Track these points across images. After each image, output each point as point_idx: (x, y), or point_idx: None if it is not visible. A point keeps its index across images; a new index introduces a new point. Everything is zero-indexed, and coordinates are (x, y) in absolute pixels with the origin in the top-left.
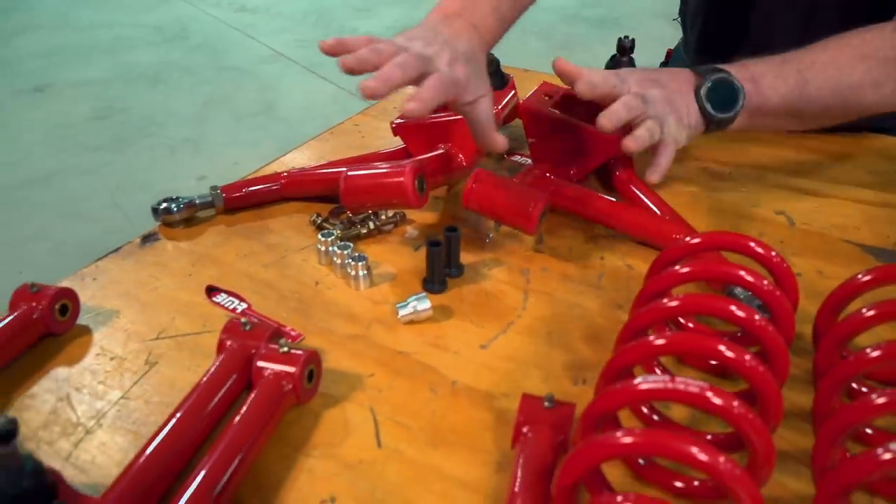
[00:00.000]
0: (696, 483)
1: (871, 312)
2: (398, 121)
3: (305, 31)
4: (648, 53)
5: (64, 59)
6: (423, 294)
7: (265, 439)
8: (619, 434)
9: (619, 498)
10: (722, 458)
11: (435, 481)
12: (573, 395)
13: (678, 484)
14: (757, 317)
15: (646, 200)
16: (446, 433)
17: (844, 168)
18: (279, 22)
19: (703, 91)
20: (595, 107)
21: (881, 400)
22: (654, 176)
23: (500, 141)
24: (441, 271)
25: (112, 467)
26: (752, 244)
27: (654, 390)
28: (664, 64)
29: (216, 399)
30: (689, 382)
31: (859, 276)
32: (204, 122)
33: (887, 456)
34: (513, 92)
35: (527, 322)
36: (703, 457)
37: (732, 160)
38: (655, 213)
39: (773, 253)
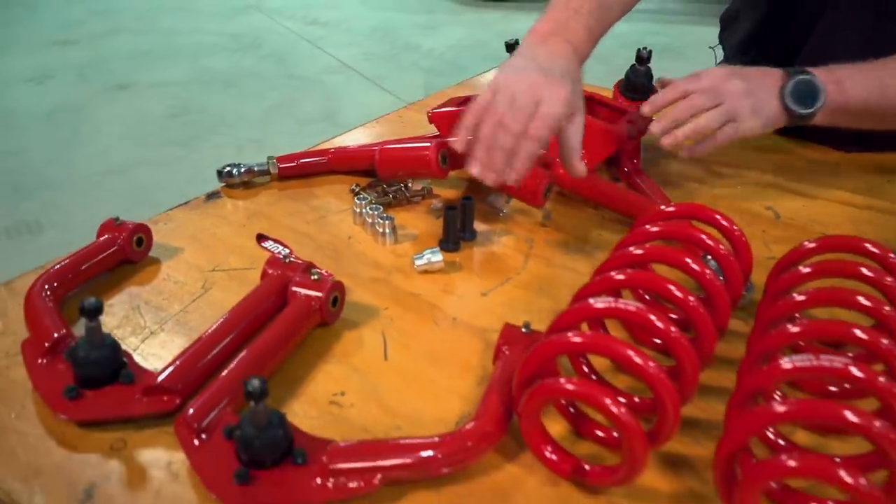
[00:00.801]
0: (636, 399)
1: (807, 269)
2: (436, 110)
3: (372, 45)
4: None
5: (146, 61)
6: (437, 249)
7: (293, 345)
8: (569, 334)
9: (563, 380)
10: (652, 364)
11: (427, 387)
12: None
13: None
14: (692, 299)
15: (644, 188)
16: (442, 354)
17: (837, 176)
18: (348, 36)
19: (787, 88)
20: (605, 109)
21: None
22: (701, 147)
23: (580, 168)
24: (456, 234)
25: (169, 359)
26: (718, 216)
27: (604, 308)
28: None
29: (257, 311)
30: (630, 302)
31: (805, 242)
32: (269, 124)
33: (787, 365)
34: None
35: (524, 278)
36: (637, 359)
37: (734, 162)
38: (648, 195)
39: (735, 227)
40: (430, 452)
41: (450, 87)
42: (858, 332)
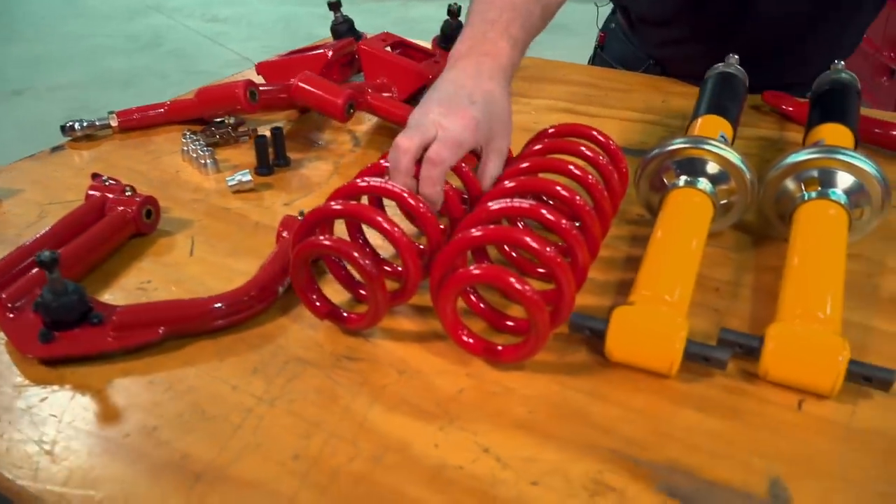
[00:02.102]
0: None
1: (537, 147)
2: (261, 62)
3: (272, 38)
4: None
5: (43, 65)
6: (248, 171)
7: (107, 249)
8: (331, 203)
9: (322, 237)
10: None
11: (224, 273)
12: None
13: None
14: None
15: None
16: (242, 250)
17: (626, 98)
18: (248, 30)
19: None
20: (419, 54)
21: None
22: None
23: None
24: (268, 160)
25: None
26: (594, 132)
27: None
28: (597, 48)
29: (77, 224)
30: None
31: (548, 129)
32: None
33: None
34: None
35: (326, 191)
36: (389, 227)
37: (534, 94)
38: None
39: (611, 141)
40: (203, 308)
41: None
42: (560, 189)
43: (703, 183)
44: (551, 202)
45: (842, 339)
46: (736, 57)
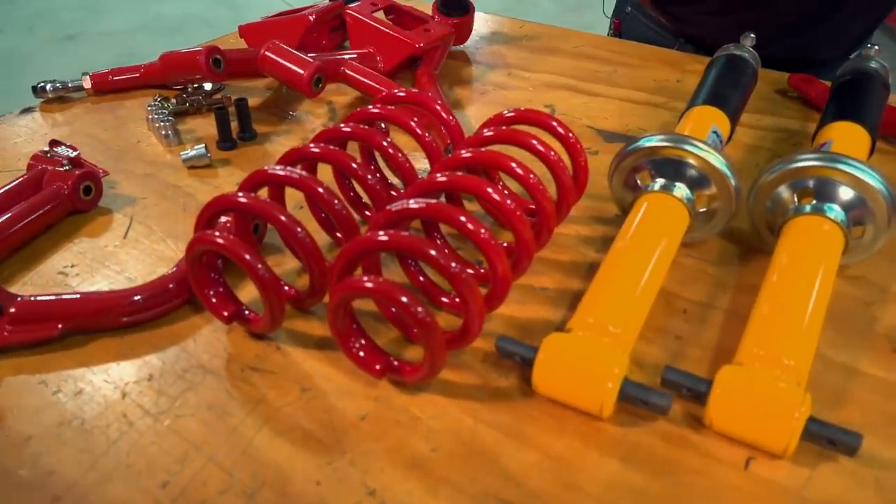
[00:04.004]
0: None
1: (489, 133)
2: (244, 24)
3: None
4: None
5: (94, 10)
6: (204, 145)
7: (36, 226)
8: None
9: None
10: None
11: (150, 260)
12: None
13: None
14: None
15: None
16: (180, 234)
17: (636, 76)
18: None
19: None
20: (406, 19)
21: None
22: None
23: None
24: (229, 133)
25: None
26: (554, 122)
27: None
28: (613, 36)
29: (10, 199)
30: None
31: (504, 112)
32: None
33: (384, 238)
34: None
35: None
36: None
37: (536, 68)
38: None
39: (570, 134)
40: (106, 304)
41: None
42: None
43: (680, 188)
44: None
45: (802, 392)
46: (752, 36)
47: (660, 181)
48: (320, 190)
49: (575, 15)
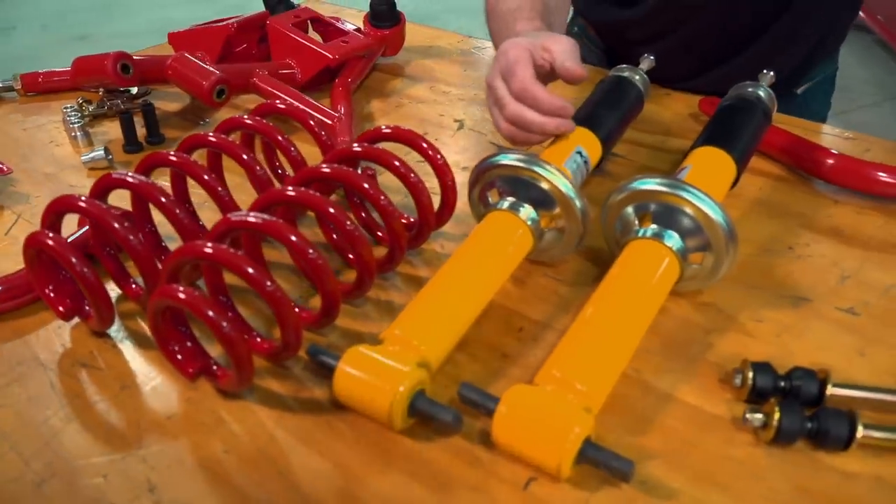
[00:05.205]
0: None
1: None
2: (174, 32)
3: None
4: None
5: (107, 12)
6: (104, 148)
7: None
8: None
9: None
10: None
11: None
12: None
13: None
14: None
15: (337, 100)
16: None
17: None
18: None
19: None
20: (331, 31)
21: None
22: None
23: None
24: (134, 136)
25: None
26: (424, 144)
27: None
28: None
29: None
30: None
31: (382, 127)
32: None
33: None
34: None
35: None
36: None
37: (456, 82)
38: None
39: (439, 156)
40: None
41: None
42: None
43: (526, 209)
44: None
45: (585, 415)
46: (651, 58)
47: (509, 200)
48: (163, 199)
49: None
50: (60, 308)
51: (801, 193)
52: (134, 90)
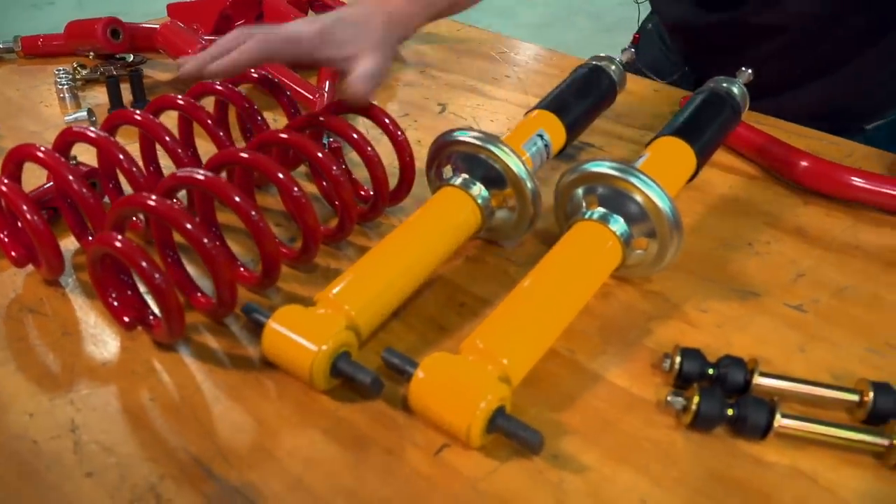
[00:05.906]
0: None
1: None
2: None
3: None
4: None
5: None
6: (87, 110)
7: None
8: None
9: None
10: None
11: None
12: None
13: None
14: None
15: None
16: (31, 185)
17: (544, 84)
18: None
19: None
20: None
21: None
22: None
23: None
24: (119, 101)
25: None
26: (386, 119)
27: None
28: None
29: None
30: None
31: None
32: None
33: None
34: None
35: None
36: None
37: (448, 68)
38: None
39: (399, 132)
40: None
41: None
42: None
43: (477, 186)
44: None
45: (497, 383)
46: (632, 51)
47: (462, 176)
48: (120, 156)
49: (606, 35)
50: (13, 253)
51: (773, 194)
52: (130, 58)
